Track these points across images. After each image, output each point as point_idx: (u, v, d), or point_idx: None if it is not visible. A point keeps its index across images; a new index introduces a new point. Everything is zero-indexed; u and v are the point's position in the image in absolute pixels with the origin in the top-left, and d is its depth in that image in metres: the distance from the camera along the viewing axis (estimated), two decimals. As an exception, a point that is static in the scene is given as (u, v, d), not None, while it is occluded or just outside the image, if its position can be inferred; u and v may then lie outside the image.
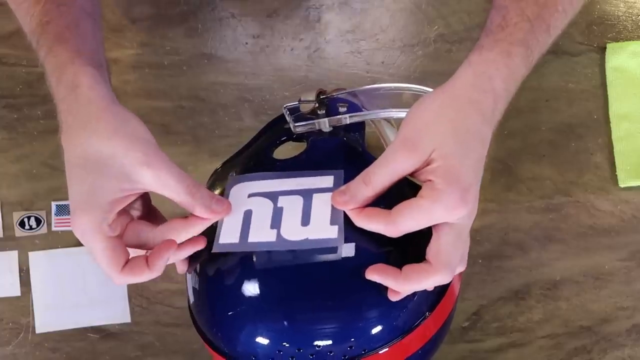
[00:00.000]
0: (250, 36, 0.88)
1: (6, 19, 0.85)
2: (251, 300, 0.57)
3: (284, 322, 0.56)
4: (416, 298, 0.58)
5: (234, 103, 0.87)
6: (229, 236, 0.58)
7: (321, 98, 0.66)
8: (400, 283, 0.54)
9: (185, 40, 0.87)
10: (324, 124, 0.66)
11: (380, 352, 0.57)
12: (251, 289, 0.58)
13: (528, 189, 0.85)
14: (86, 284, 0.85)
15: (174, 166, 0.57)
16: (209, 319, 0.61)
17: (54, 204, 0.85)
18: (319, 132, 0.67)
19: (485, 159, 0.56)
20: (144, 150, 0.56)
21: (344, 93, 0.67)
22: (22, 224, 0.85)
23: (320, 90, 0.66)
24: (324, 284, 0.57)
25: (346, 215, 0.56)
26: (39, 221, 0.85)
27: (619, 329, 0.83)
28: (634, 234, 0.84)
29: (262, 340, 0.56)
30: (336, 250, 0.56)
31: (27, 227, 0.85)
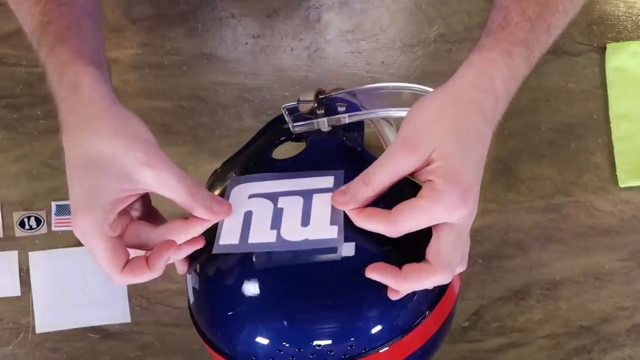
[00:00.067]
0: (250, 36, 0.88)
1: (6, 19, 0.85)
2: (251, 300, 0.57)
3: (284, 321, 0.56)
4: (416, 297, 0.58)
5: (234, 103, 0.87)
6: (229, 237, 0.58)
7: (320, 98, 0.66)
8: (399, 282, 0.54)
9: (185, 40, 0.87)
10: (323, 124, 0.66)
11: (381, 352, 0.57)
12: (251, 288, 0.58)
13: (528, 189, 0.85)
14: (86, 284, 0.85)
15: (174, 166, 0.57)
16: (209, 319, 0.61)
17: (54, 204, 0.85)
18: (318, 132, 0.66)
19: (486, 159, 0.56)
20: (145, 150, 0.56)
21: (342, 93, 0.67)
22: (22, 224, 0.85)
23: (319, 90, 0.66)
24: (323, 284, 0.57)
25: (346, 215, 0.56)
26: (39, 221, 0.85)
27: (619, 329, 0.83)
28: (634, 234, 0.84)
29: (262, 340, 0.56)
30: (336, 251, 0.56)
31: (27, 227, 0.85)
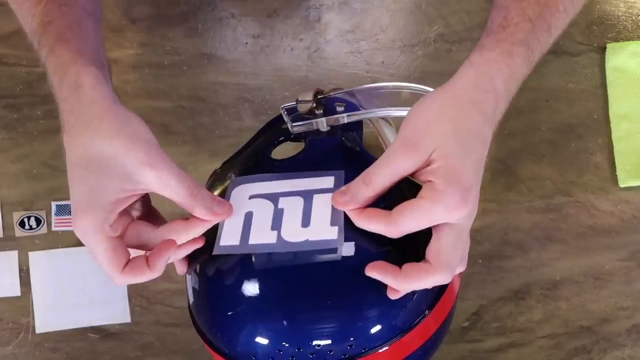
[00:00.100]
0: (250, 36, 0.88)
1: (6, 19, 0.85)
2: (251, 300, 0.57)
3: (284, 321, 0.56)
4: (416, 297, 0.58)
5: (234, 103, 0.87)
6: (229, 238, 0.58)
7: (319, 98, 0.66)
8: (399, 281, 0.54)
9: (185, 40, 0.87)
10: (322, 124, 0.66)
11: (380, 351, 0.57)
12: (251, 289, 0.58)
13: (528, 189, 0.85)
14: (86, 284, 0.85)
15: (175, 167, 0.57)
16: (209, 319, 0.61)
17: (54, 204, 0.85)
18: (316, 132, 0.66)
19: (486, 159, 0.56)
20: (146, 150, 0.56)
21: (341, 92, 0.67)
22: (22, 224, 0.85)
23: (318, 90, 0.66)
24: (323, 284, 0.57)
25: (346, 215, 0.56)
26: (39, 221, 0.85)
27: (619, 329, 0.83)
28: (634, 234, 0.84)
29: (261, 340, 0.56)
30: (336, 251, 0.56)
31: (27, 227, 0.85)
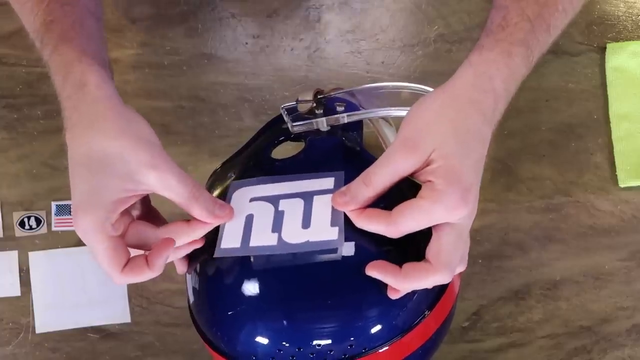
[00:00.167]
0: (250, 36, 0.88)
1: (6, 19, 0.86)
2: (251, 299, 0.57)
3: (284, 321, 0.56)
4: (416, 297, 0.58)
5: (234, 103, 0.87)
6: (230, 241, 0.58)
7: (319, 98, 0.66)
8: (399, 281, 0.54)
9: (185, 40, 0.87)
10: (322, 124, 0.66)
11: (381, 351, 0.57)
12: (251, 288, 0.58)
13: (528, 189, 0.85)
14: (86, 284, 0.85)
15: (177, 169, 0.57)
16: (209, 318, 0.61)
17: (54, 204, 0.85)
18: (316, 132, 0.66)
19: (485, 159, 0.56)
20: (150, 151, 0.56)
21: (341, 92, 0.67)
22: (22, 224, 0.85)
23: (318, 90, 0.66)
24: (323, 283, 0.57)
25: (346, 215, 0.56)
26: (39, 221, 0.85)
27: (619, 329, 0.83)
28: (634, 234, 0.84)
29: (262, 340, 0.56)
30: (336, 251, 0.56)
31: (27, 227, 0.85)
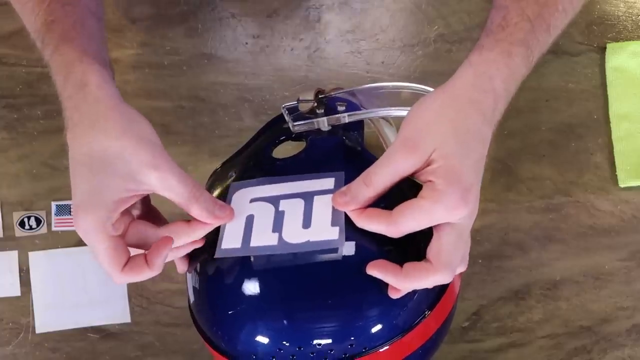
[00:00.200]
0: (250, 36, 0.88)
1: (6, 19, 0.86)
2: (251, 299, 0.57)
3: (284, 320, 0.56)
4: (416, 297, 0.58)
5: (234, 103, 0.87)
6: (231, 241, 0.58)
7: (320, 97, 0.66)
8: (400, 280, 0.54)
9: (185, 40, 0.87)
10: (323, 123, 0.66)
11: (381, 351, 0.57)
12: (251, 288, 0.58)
13: (528, 189, 0.85)
14: (86, 284, 0.85)
15: (178, 169, 0.57)
16: (210, 318, 0.61)
17: (54, 204, 0.85)
18: (317, 131, 0.66)
19: (486, 159, 0.56)
20: (151, 152, 0.56)
21: (342, 92, 0.67)
22: (22, 224, 0.85)
23: (319, 90, 0.66)
24: (323, 283, 0.57)
25: (346, 215, 0.56)
26: (39, 221, 0.85)
27: (619, 329, 0.83)
28: (634, 234, 0.84)
29: (262, 339, 0.56)
30: (337, 251, 0.56)
31: (27, 227, 0.85)
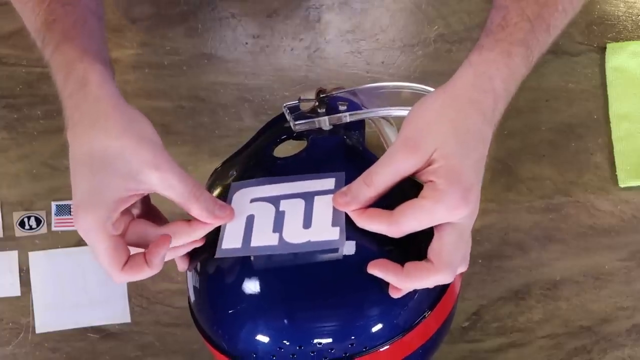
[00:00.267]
0: (250, 36, 0.88)
1: (6, 19, 0.86)
2: (252, 298, 0.57)
3: (285, 320, 0.56)
4: (417, 296, 0.58)
5: (234, 103, 0.87)
6: (231, 241, 0.58)
7: (321, 97, 0.66)
8: (401, 279, 0.54)
9: (185, 40, 0.87)
10: (324, 122, 0.66)
11: (381, 350, 0.57)
12: (252, 287, 0.58)
13: (528, 189, 0.85)
14: (86, 284, 0.85)
15: (179, 169, 0.57)
16: (210, 317, 0.61)
17: (54, 204, 0.85)
18: (319, 131, 0.67)
19: (486, 159, 0.56)
20: (152, 151, 0.56)
21: (344, 92, 0.67)
22: (22, 224, 0.85)
23: (320, 89, 0.67)
24: (324, 282, 0.57)
25: (347, 214, 0.56)
26: (39, 221, 0.85)
27: (619, 329, 0.83)
28: (634, 234, 0.84)
29: (262, 338, 0.56)
30: (337, 251, 0.56)
31: (27, 227, 0.85)
